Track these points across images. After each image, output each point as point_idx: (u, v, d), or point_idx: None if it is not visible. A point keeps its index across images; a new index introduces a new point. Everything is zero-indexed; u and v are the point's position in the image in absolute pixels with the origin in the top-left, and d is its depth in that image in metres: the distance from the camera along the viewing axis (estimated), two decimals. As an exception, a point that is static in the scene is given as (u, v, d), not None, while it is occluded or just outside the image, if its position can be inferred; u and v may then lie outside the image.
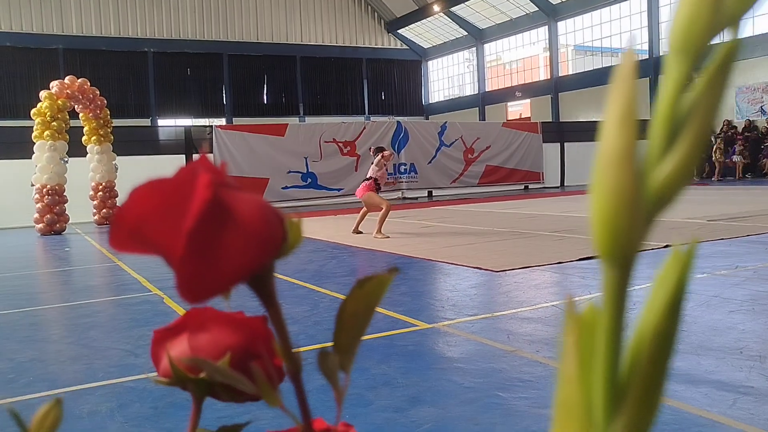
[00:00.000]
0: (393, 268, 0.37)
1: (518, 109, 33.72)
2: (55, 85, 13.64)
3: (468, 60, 37.18)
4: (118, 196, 14.82)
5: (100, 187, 14.75)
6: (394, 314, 4.61)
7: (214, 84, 33.60)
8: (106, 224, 14.58)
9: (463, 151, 21.00)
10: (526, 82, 33.20)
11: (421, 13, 34.93)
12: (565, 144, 22.40)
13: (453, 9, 33.35)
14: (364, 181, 9.45)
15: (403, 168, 19.78)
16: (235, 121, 30.96)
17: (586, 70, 29.75)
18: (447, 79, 39.06)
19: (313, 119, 30.48)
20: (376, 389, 3.14)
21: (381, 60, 37.63)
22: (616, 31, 28.53)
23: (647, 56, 26.20)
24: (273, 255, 0.32)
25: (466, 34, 35.46)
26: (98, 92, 14.50)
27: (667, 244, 5.79)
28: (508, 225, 10.32)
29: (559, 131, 22.95)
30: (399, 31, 37.55)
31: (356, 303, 0.35)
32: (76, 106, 14.18)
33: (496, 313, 4.64)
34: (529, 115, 31.78)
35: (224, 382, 0.36)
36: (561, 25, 31.05)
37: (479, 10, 33.16)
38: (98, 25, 31.26)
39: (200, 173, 0.29)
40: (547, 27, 31.35)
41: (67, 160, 13.46)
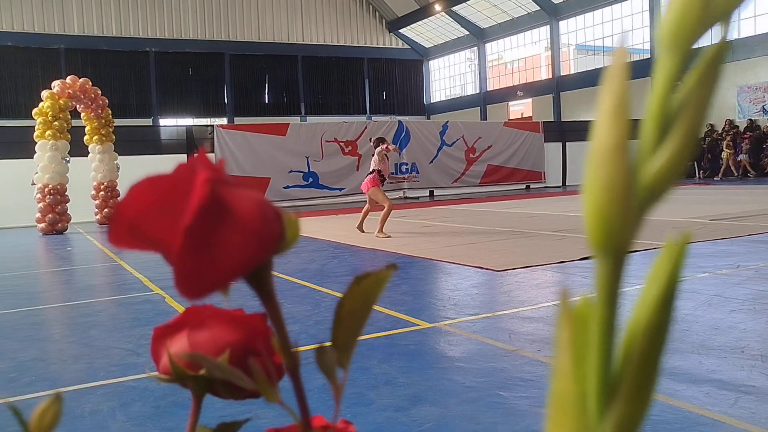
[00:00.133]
0: (391, 265, 0.37)
1: (520, 108, 33.70)
2: (56, 85, 13.65)
3: (469, 59, 37.17)
4: (119, 196, 14.82)
5: (102, 187, 14.76)
6: (395, 314, 4.61)
7: (215, 84, 33.62)
8: (108, 224, 14.59)
9: (465, 150, 21.00)
10: (528, 82, 33.18)
11: (423, 13, 34.92)
12: (567, 143, 22.39)
13: (454, 8, 33.34)
14: (368, 175, 9.41)
15: (404, 167, 19.78)
16: (237, 120, 30.97)
17: (588, 69, 29.73)
18: (448, 78, 39.05)
19: (315, 119, 30.49)
20: (378, 388, 3.15)
21: (382, 59, 37.63)
22: (618, 31, 28.49)
23: (648, 56, 26.17)
24: (271, 251, 0.32)
25: (468, 33, 35.44)
26: (100, 92, 14.51)
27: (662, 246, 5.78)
28: (510, 224, 10.32)
29: (561, 131, 22.93)
30: (400, 31, 37.54)
31: (354, 300, 0.36)
32: (78, 106, 14.19)
33: (497, 313, 4.64)
34: (531, 115, 31.77)
35: (224, 379, 0.36)
36: (563, 24, 31.03)
37: (481, 10, 33.15)
38: (100, 25, 31.28)
39: (198, 170, 0.30)
40: (548, 26, 31.34)
41: (68, 159, 13.48)
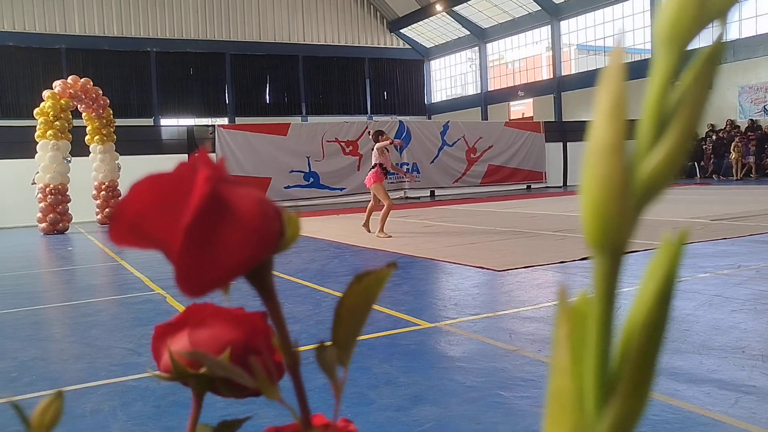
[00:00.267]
0: (391, 264, 0.37)
1: (521, 108, 33.70)
2: (58, 85, 13.66)
3: (470, 59, 37.17)
4: (120, 196, 14.81)
5: (103, 187, 14.77)
6: (396, 313, 4.61)
7: (216, 83, 33.63)
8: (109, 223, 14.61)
9: (466, 150, 21.00)
10: (529, 82, 33.18)
11: (424, 13, 34.92)
12: (568, 143, 22.39)
13: (455, 8, 33.33)
14: (371, 170, 9.40)
15: (405, 167, 19.79)
16: (238, 120, 30.98)
17: (589, 69, 29.72)
18: (449, 78, 39.05)
19: (316, 119, 30.51)
20: (378, 388, 3.15)
21: (383, 59, 37.63)
22: (619, 31, 28.47)
23: (649, 56, 26.16)
24: (271, 250, 0.32)
25: (469, 33, 35.44)
26: (101, 92, 14.52)
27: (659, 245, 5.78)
28: (511, 224, 10.32)
29: (562, 131, 22.93)
30: (401, 31, 37.54)
31: (354, 298, 0.36)
32: (79, 106, 14.20)
33: (498, 313, 4.64)
34: (532, 115, 31.77)
35: (224, 377, 0.36)
36: (564, 24, 31.02)
37: (482, 10, 33.15)
38: (101, 25, 31.30)
39: (199, 168, 0.30)
40: (549, 26, 31.33)
41: (70, 159, 13.49)
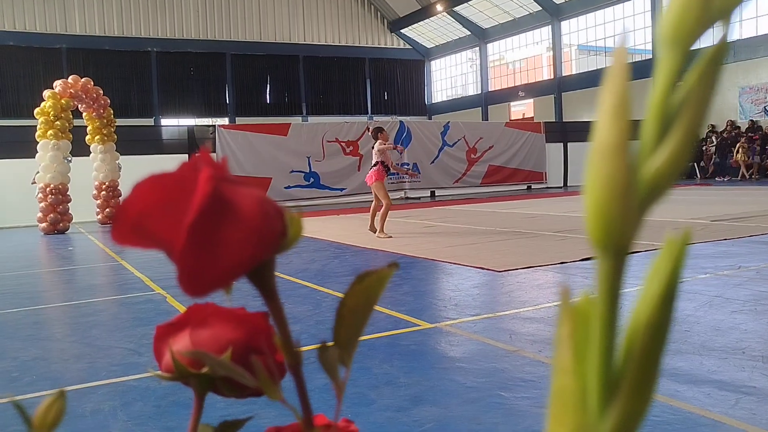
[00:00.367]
0: (392, 264, 0.37)
1: (521, 108, 33.70)
2: (58, 85, 13.67)
3: (471, 60, 37.16)
4: (121, 196, 14.83)
5: (104, 187, 14.78)
6: (396, 314, 4.61)
7: (217, 83, 33.64)
8: (110, 223, 14.61)
9: (466, 150, 21.00)
10: (530, 82, 33.18)
11: (424, 13, 34.92)
12: (569, 144, 22.38)
13: (456, 8, 33.33)
14: (372, 168, 9.38)
15: (406, 167, 19.78)
16: (238, 120, 30.97)
17: (590, 69, 29.72)
18: (450, 78, 39.05)
19: (316, 119, 30.51)
20: (379, 388, 3.15)
21: (384, 60, 37.63)
22: (620, 31, 28.48)
23: (650, 56, 26.16)
24: (273, 249, 0.32)
25: (469, 33, 35.44)
26: (101, 92, 14.53)
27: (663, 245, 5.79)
28: (511, 225, 10.32)
29: (563, 131, 22.93)
30: (402, 31, 37.55)
31: (356, 298, 0.36)
32: (80, 106, 14.21)
33: (498, 313, 4.64)
34: (532, 115, 31.77)
35: (226, 377, 0.36)
36: (564, 24, 31.02)
37: (482, 10, 33.15)
38: (101, 25, 31.31)
39: (201, 168, 0.30)
40: (550, 26, 31.33)
41: (70, 159, 13.49)
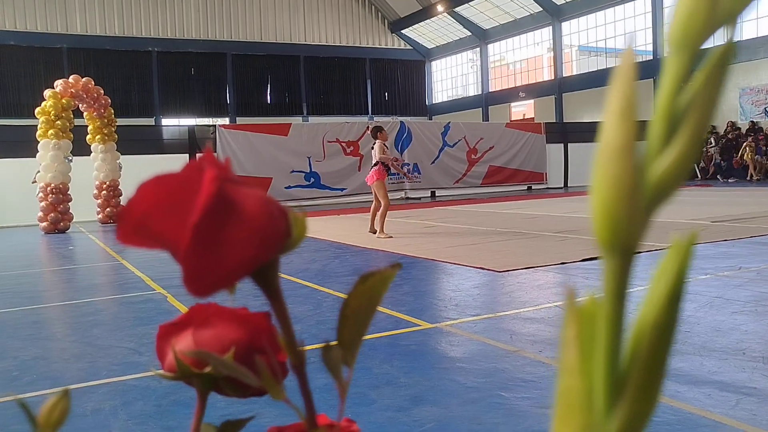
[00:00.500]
0: (396, 264, 0.37)
1: (522, 109, 33.70)
2: (59, 84, 13.67)
3: (471, 60, 37.17)
4: (121, 195, 14.85)
5: (104, 186, 14.78)
6: (397, 314, 4.61)
7: (217, 83, 33.65)
8: (110, 223, 14.62)
9: (467, 151, 21.00)
10: (530, 83, 33.18)
11: (425, 14, 34.92)
12: (569, 145, 22.39)
13: (457, 9, 33.34)
14: (373, 167, 9.39)
15: (406, 168, 19.78)
16: (239, 120, 30.99)
17: (590, 70, 29.72)
18: (450, 79, 39.06)
19: (317, 119, 30.53)
20: (379, 388, 3.15)
21: (384, 60, 37.64)
22: (621, 32, 28.49)
23: (651, 57, 26.17)
24: (277, 250, 0.32)
25: (470, 34, 35.45)
26: (102, 91, 14.53)
27: (669, 246, 5.80)
28: (511, 225, 10.32)
29: (563, 132, 22.93)
30: (403, 31, 37.55)
31: (359, 298, 0.36)
32: (81, 105, 14.22)
33: (498, 314, 4.64)
34: (533, 116, 31.77)
35: (229, 377, 0.36)
36: (565, 25, 31.02)
37: (483, 11, 33.15)
38: (102, 25, 31.32)
39: (206, 168, 0.30)
40: (551, 27, 31.33)
41: (71, 158, 13.50)
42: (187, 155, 16.73)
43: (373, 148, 9.45)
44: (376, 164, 9.33)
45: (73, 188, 13.47)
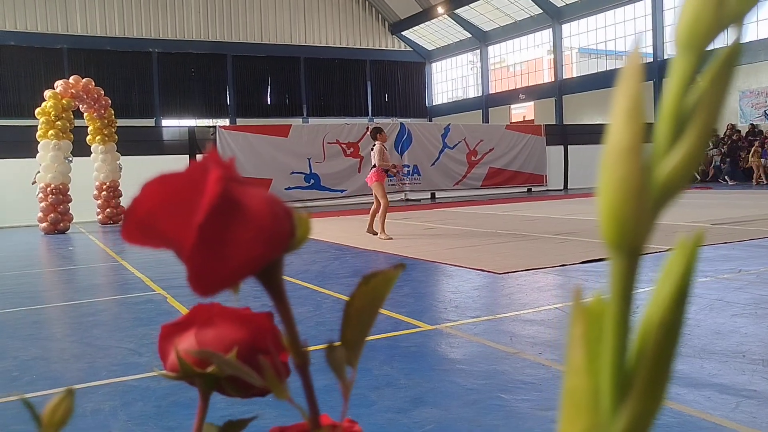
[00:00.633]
0: (399, 265, 0.37)
1: (522, 111, 33.72)
2: (59, 85, 13.68)
3: (472, 62, 37.19)
4: (121, 196, 14.85)
5: (104, 187, 14.79)
6: (397, 315, 4.61)
7: (218, 84, 33.67)
8: (110, 223, 14.62)
9: (467, 153, 21.00)
10: (530, 85, 33.20)
11: (425, 15, 34.94)
12: (569, 147, 22.40)
13: (457, 11, 33.36)
14: (372, 168, 9.41)
15: (406, 170, 19.78)
16: (239, 121, 31.00)
17: (591, 72, 29.74)
18: (450, 81, 39.08)
19: (317, 120, 30.54)
20: (379, 390, 3.15)
21: (385, 62, 37.66)
22: (621, 34, 28.53)
23: (651, 59, 26.19)
24: (281, 249, 0.32)
25: (470, 36, 35.47)
26: (103, 92, 14.54)
27: (669, 248, 5.80)
28: (511, 227, 10.32)
29: (563, 134, 22.94)
30: (403, 33, 37.57)
31: (363, 299, 0.36)
32: (81, 106, 14.22)
33: (498, 315, 4.64)
34: (533, 118, 31.78)
35: (231, 377, 0.36)
36: (565, 27, 31.04)
37: (483, 13, 33.17)
38: (103, 25, 31.34)
39: (210, 168, 0.30)
40: (551, 29, 31.35)
41: (71, 159, 13.50)
42: (188, 156, 16.74)
43: (372, 149, 9.46)
44: (374, 166, 9.35)
45: (73, 189, 13.47)
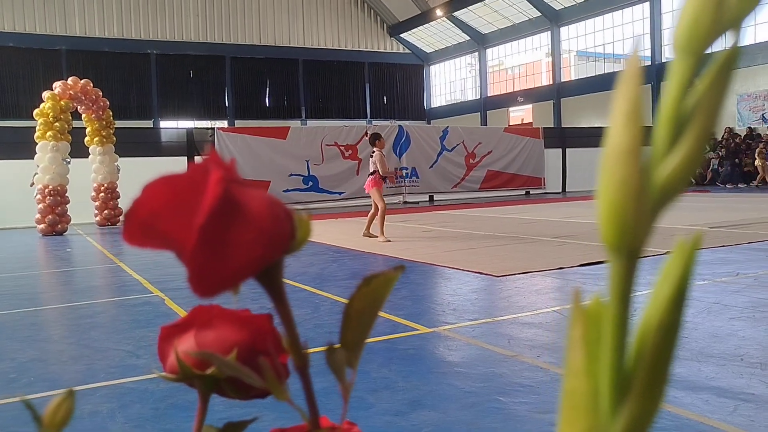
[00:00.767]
0: (399, 267, 0.37)
1: (520, 114, 33.75)
2: (58, 86, 13.66)
3: (470, 65, 37.23)
4: (119, 198, 14.83)
5: (102, 188, 14.76)
6: (395, 318, 4.61)
7: (216, 86, 33.66)
8: (108, 225, 14.59)
9: (465, 155, 21.00)
10: (528, 88, 33.23)
11: (424, 18, 34.98)
12: (567, 150, 22.41)
13: (455, 13, 33.40)
14: (370, 175, 9.44)
15: (404, 172, 19.77)
16: (237, 123, 31.01)
17: (589, 75, 29.79)
18: (449, 83, 39.11)
19: (315, 122, 30.53)
20: (377, 392, 3.14)
21: (383, 64, 37.68)
22: (619, 38, 28.59)
23: (649, 63, 26.24)
24: (281, 251, 0.32)
25: (469, 38, 35.51)
26: (101, 93, 14.53)
27: (667, 251, 5.81)
28: (509, 230, 10.32)
29: (561, 137, 22.96)
30: (401, 36, 37.60)
31: (363, 300, 0.36)
32: (79, 107, 14.20)
33: (496, 318, 4.64)
34: (531, 121, 31.80)
35: (231, 378, 0.36)
36: (564, 30, 31.09)
37: (482, 15, 33.21)
38: (101, 27, 31.34)
39: (212, 170, 0.30)
40: (549, 32, 31.40)
41: (69, 160, 13.48)
42: (186, 158, 16.73)
43: (371, 156, 9.47)
44: (373, 173, 9.37)
45: (71, 190, 13.45)
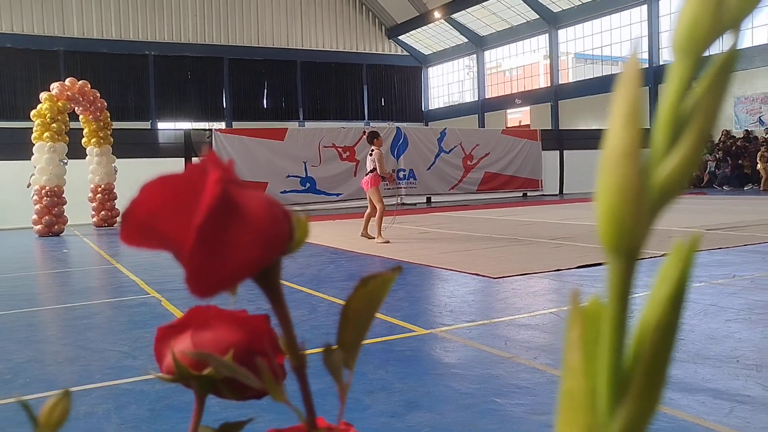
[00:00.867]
0: (396, 268, 0.37)
1: (518, 116, 33.78)
2: (55, 87, 13.64)
3: (468, 67, 37.27)
4: (116, 199, 14.80)
5: (99, 189, 14.74)
6: (391, 319, 4.61)
7: (214, 88, 33.65)
8: (105, 226, 14.57)
9: (462, 157, 21.01)
10: (526, 90, 33.28)
11: (422, 20, 35.01)
12: (565, 152, 22.44)
13: (453, 16, 33.44)
14: (368, 173, 9.42)
15: (402, 174, 19.78)
16: (235, 125, 31.02)
17: (586, 78, 29.84)
18: (447, 85, 39.14)
19: (313, 124, 30.53)
20: (373, 394, 3.14)
21: (381, 66, 37.70)
22: (617, 40, 28.64)
23: (647, 65, 26.29)
24: (279, 251, 0.32)
25: (467, 41, 35.55)
26: (98, 94, 14.50)
27: (664, 254, 5.81)
28: (507, 232, 10.33)
29: (559, 139, 22.99)
30: (399, 38, 37.63)
31: (360, 301, 0.36)
32: (77, 108, 14.18)
33: (493, 320, 4.64)
34: (529, 123, 31.84)
35: (228, 379, 0.36)
36: (561, 33, 31.14)
37: (480, 17, 33.25)
38: (99, 28, 31.31)
39: (210, 170, 0.30)
40: (547, 35, 31.44)
41: (66, 161, 13.46)
42: (183, 159, 16.71)
43: (370, 155, 9.46)
44: (371, 171, 9.36)
45: (68, 191, 13.43)
